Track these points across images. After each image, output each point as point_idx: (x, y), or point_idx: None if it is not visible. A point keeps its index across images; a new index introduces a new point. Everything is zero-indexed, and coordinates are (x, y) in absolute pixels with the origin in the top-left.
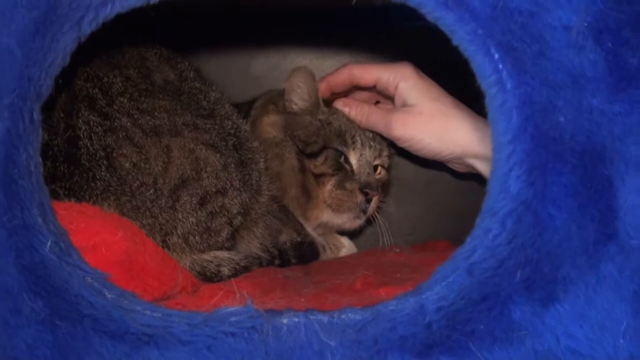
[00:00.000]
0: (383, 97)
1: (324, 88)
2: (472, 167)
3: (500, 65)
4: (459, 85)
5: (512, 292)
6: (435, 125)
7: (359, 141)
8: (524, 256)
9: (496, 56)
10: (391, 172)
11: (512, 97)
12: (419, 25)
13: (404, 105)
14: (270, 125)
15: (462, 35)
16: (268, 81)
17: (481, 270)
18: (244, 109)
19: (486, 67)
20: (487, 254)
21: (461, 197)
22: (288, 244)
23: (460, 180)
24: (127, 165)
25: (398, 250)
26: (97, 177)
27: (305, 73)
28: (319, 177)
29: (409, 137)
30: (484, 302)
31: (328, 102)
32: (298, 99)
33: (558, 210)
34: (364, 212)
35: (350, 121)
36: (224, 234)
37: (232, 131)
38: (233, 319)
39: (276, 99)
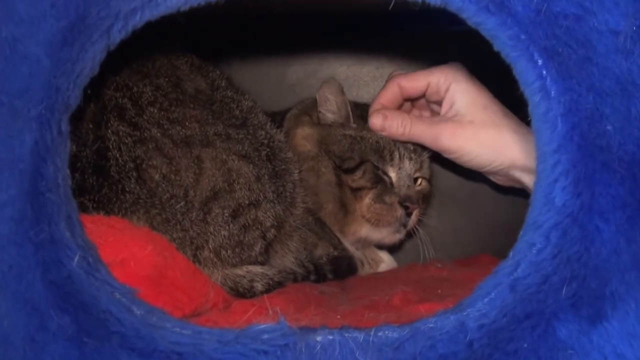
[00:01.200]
0: (424, 106)
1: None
2: (517, 181)
3: (544, 72)
4: (503, 92)
5: (557, 309)
6: (486, 136)
7: (397, 156)
8: (569, 271)
9: (540, 62)
10: (433, 183)
11: (556, 104)
12: (460, 29)
13: (451, 110)
14: (305, 138)
15: (504, 41)
16: (304, 89)
17: (525, 286)
18: (279, 118)
19: (529, 74)
20: (531, 269)
21: (507, 209)
22: (324, 258)
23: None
24: (157, 177)
25: (440, 265)
26: (127, 189)
27: (332, 86)
28: (356, 190)
29: (458, 149)
30: (528, 319)
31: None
32: (328, 112)
33: (606, 223)
34: (404, 226)
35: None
36: (257, 248)
37: (266, 141)
38: (265, 336)
39: (310, 109)
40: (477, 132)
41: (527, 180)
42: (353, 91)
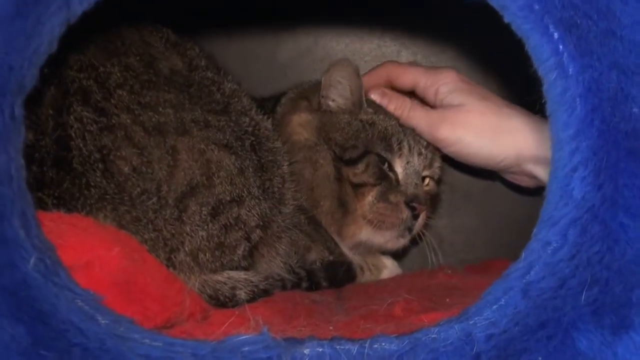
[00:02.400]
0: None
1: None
2: (533, 177)
3: (561, 46)
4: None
5: (576, 318)
6: (486, 125)
7: (407, 147)
8: (590, 274)
9: (556, 35)
10: (442, 179)
11: (575, 83)
12: (470, 2)
13: (447, 105)
14: (302, 125)
15: (514, 11)
16: (296, 70)
17: (539, 291)
18: (269, 104)
19: (544, 49)
20: (545, 272)
21: (525, 207)
22: (318, 263)
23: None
24: (126, 169)
25: (449, 271)
26: (92, 183)
27: (348, 68)
28: (358, 187)
29: (457, 139)
30: (543, 329)
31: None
32: (337, 96)
33: (632, 219)
34: (410, 230)
35: (398, 122)
36: (240, 251)
37: (250, 129)
38: (246, 348)
39: (309, 93)
40: (476, 120)
41: (542, 173)
42: None
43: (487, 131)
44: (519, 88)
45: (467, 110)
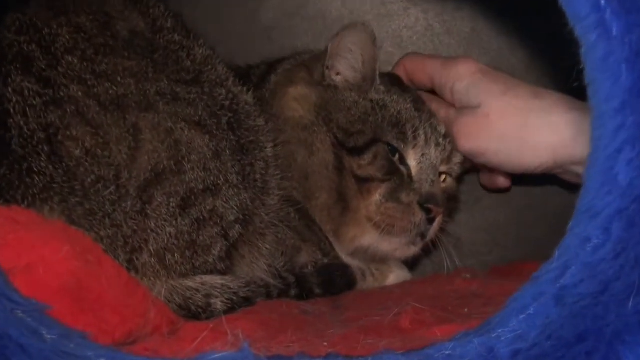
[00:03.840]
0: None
1: None
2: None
3: (603, 1)
4: None
5: (622, 329)
6: (509, 128)
7: (423, 136)
8: (638, 276)
9: None
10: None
11: (620, 46)
12: None
13: (463, 105)
14: (297, 100)
15: None
16: (283, 32)
17: (576, 297)
18: (258, 72)
19: (582, 4)
20: (584, 274)
21: (559, 198)
22: (310, 267)
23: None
24: (77, 152)
25: (468, 275)
26: (35, 169)
27: (362, 33)
28: (363, 181)
29: (479, 150)
30: (581, 342)
31: None
32: (346, 68)
33: None
34: (423, 236)
35: (414, 106)
36: (215, 251)
37: (227, 103)
38: None
39: (311, 63)
40: (495, 125)
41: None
42: None
43: (512, 136)
44: (549, 54)
45: (485, 114)
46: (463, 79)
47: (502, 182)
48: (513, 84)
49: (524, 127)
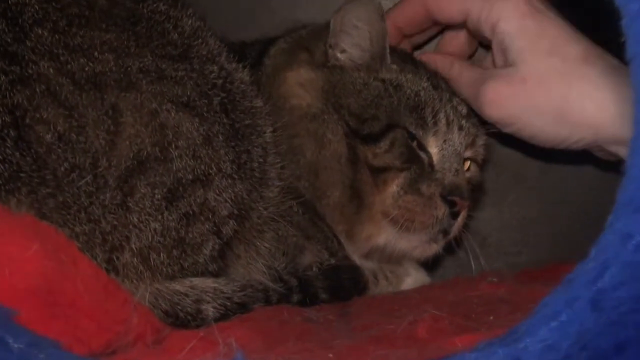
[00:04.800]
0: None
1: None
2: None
3: None
4: None
5: None
6: (547, 99)
7: (444, 119)
8: None
9: None
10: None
11: None
12: None
13: (502, 59)
14: (302, 85)
15: None
16: (283, 3)
17: (615, 302)
18: (253, 51)
19: None
20: (624, 275)
21: (596, 192)
22: (315, 268)
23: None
24: (48, 137)
25: (495, 279)
26: (0, 156)
27: (368, 6)
28: (378, 172)
29: (510, 120)
30: (621, 353)
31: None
32: (351, 46)
33: None
34: (445, 232)
35: (432, 84)
36: (207, 250)
37: (220, 82)
38: None
39: (310, 42)
40: (532, 93)
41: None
42: None
43: (551, 107)
44: (588, 27)
45: (521, 79)
46: (510, 19)
47: None
48: (563, 40)
49: (565, 99)
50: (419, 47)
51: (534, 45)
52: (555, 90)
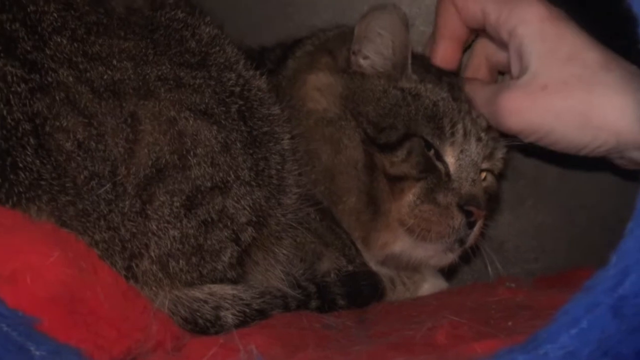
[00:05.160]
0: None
1: (445, 50)
2: None
3: None
4: None
5: None
6: (568, 105)
7: (462, 130)
8: None
9: None
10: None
11: None
12: None
13: (519, 66)
14: (319, 89)
15: None
16: (300, 9)
17: (636, 308)
18: (273, 56)
19: None
20: None
21: (615, 197)
22: (333, 275)
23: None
24: (68, 145)
25: (513, 284)
26: (20, 164)
27: (393, 15)
28: (395, 180)
29: (531, 128)
30: None
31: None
32: (374, 53)
33: None
34: (462, 242)
35: (452, 95)
36: (225, 257)
37: (237, 90)
38: None
39: (335, 46)
40: (552, 100)
41: None
42: None
43: (573, 113)
44: (605, 33)
45: (542, 86)
46: (529, 23)
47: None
48: (582, 46)
49: (587, 104)
50: None
51: (553, 50)
52: (576, 95)
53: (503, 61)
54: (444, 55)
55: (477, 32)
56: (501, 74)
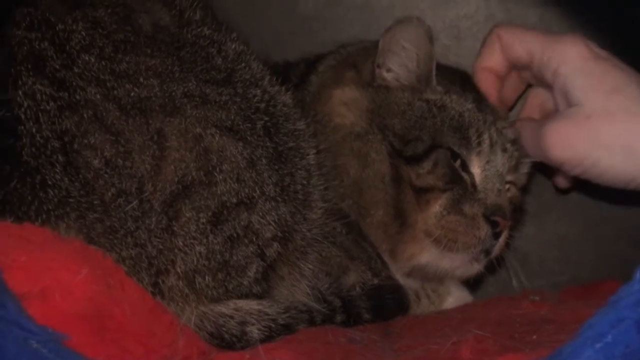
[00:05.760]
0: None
1: (485, 81)
2: None
3: None
4: None
5: None
6: (614, 133)
7: (488, 140)
8: None
9: None
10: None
11: None
12: None
13: (564, 101)
14: (346, 104)
15: None
16: (325, 23)
17: None
18: (297, 71)
19: None
20: None
21: None
22: (358, 288)
23: None
24: (96, 162)
25: (537, 298)
26: (49, 182)
27: (417, 29)
28: (421, 192)
29: (576, 159)
30: None
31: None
32: (398, 67)
33: None
34: (487, 252)
35: (477, 106)
36: (251, 273)
37: (263, 106)
38: None
39: (359, 60)
40: (598, 129)
41: None
42: None
43: (619, 143)
44: (633, 48)
45: (586, 116)
46: (571, 62)
47: (561, 182)
48: (625, 81)
49: (632, 134)
50: None
51: (596, 84)
52: (621, 125)
53: (553, 109)
54: (480, 85)
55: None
56: None
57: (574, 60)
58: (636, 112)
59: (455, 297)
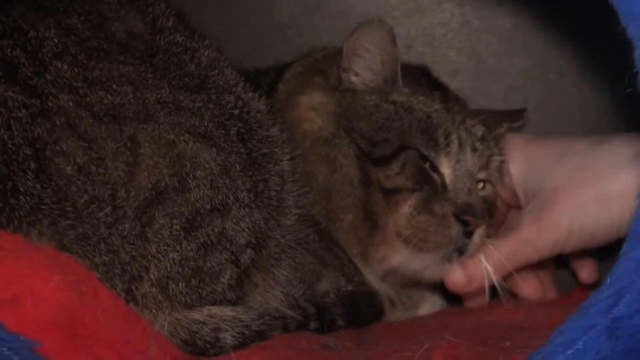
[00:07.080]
0: None
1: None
2: None
3: None
4: None
5: None
6: (584, 189)
7: (456, 141)
8: None
9: None
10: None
11: None
12: None
13: (526, 192)
14: (314, 109)
15: None
16: (300, 31)
17: (632, 330)
18: (267, 78)
19: (634, 1)
20: None
21: None
22: (332, 295)
23: None
24: (68, 169)
25: (512, 304)
26: (20, 189)
27: (380, 30)
28: (391, 193)
29: (564, 234)
30: None
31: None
32: (363, 69)
33: None
34: (460, 252)
35: (445, 106)
36: (225, 279)
37: (236, 112)
38: None
39: (325, 65)
40: (568, 195)
41: None
42: None
43: (590, 195)
44: (605, 56)
45: (553, 189)
46: (515, 158)
47: (586, 276)
48: (566, 142)
49: (599, 180)
50: None
51: (545, 163)
52: (586, 179)
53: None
54: None
55: None
56: None
57: (517, 156)
58: (590, 160)
59: (430, 304)
